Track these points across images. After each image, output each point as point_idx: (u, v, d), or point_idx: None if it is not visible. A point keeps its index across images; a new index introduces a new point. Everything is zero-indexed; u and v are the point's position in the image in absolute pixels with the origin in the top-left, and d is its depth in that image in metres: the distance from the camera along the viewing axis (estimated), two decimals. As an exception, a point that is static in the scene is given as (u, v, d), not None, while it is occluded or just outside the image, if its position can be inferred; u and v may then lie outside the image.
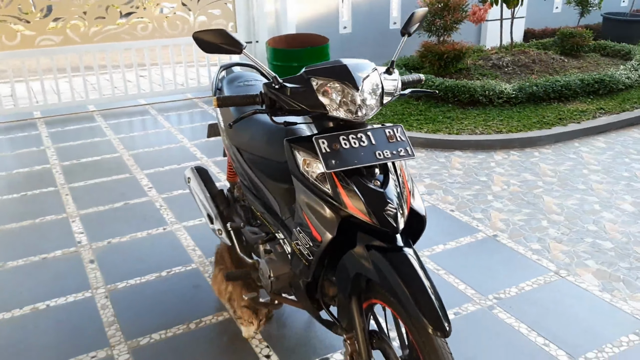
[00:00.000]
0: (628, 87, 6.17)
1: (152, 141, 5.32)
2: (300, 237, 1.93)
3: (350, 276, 1.85)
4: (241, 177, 2.66)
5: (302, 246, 1.93)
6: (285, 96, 1.87)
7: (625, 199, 3.95)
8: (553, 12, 8.92)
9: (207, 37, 1.86)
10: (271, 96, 1.92)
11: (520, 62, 6.55)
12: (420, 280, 1.66)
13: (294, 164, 1.92)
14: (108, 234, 3.61)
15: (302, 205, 1.90)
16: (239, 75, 2.94)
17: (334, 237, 1.82)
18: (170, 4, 6.41)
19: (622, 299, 2.87)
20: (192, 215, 3.81)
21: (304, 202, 1.89)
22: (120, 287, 3.06)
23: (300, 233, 1.92)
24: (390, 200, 1.78)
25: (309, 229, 1.87)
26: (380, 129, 1.91)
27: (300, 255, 1.95)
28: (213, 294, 2.97)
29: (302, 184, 1.89)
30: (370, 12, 7.49)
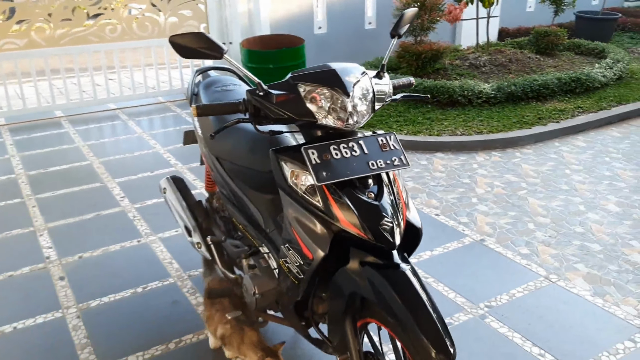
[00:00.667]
0: (604, 85, 6.18)
1: (124, 148, 5.12)
2: (289, 254, 1.79)
3: (344, 295, 1.73)
4: (221, 188, 2.52)
5: (292, 264, 1.80)
6: (271, 104, 1.74)
7: (609, 199, 3.91)
8: (526, 11, 8.95)
9: (185, 42, 1.72)
10: (255, 104, 1.78)
11: (497, 62, 6.52)
12: (421, 300, 1.55)
13: (280, 176, 1.78)
14: (79, 248, 3.42)
15: (291, 220, 1.77)
16: (216, 79, 2.80)
17: (326, 254, 1.70)
18: (139, 5, 6.20)
19: (614, 303, 2.81)
20: (167, 226, 3.65)
21: (293, 217, 1.76)
22: (93, 305, 2.88)
23: (289, 250, 1.79)
24: (385, 213, 1.67)
25: (298, 245, 1.75)
26: (372, 137, 1.79)
27: (289, 273, 1.82)
28: (193, 311, 2.81)
29: (290, 197, 1.76)
30: (345, 12, 7.38)
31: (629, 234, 3.44)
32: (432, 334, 1.49)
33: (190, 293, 2.96)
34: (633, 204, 3.82)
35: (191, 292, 2.96)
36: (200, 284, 3.03)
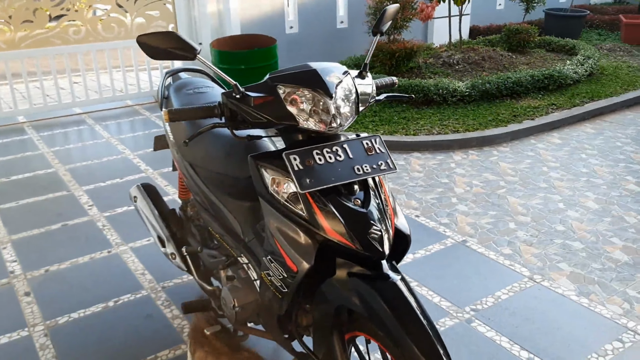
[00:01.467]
0: (576, 82, 6.21)
1: (91, 153, 4.93)
2: (271, 267, 1.69)
3: (331, 307, 1.63)
4: (195, 196, 2.39)
5: (274, 277, 1.69)
6: (249, 107, 1.63)
7: (587, 196, 3.90)
8: (496, 8, 8.98)
9: (154, 42, 1.60)
10: (232, 107, 1.67)
11: (470, 60, 6.50)
12: (413, 311, 1.46)
13: (261, 184, 1.68)
14: (45, 261, 3.24)
15: (273, 231, 1.66)
16: (188, 81, 2.67)
17: (312, 266, 1.59)
18: (104, 6, 6.00)
19: (599, 302, 2.77)
20: (138, 235, 3.49)
21: (275, 228, 1.66)
22: (61, 322, 2.72)
23: (272, 262, 1.68)
24: (373, 221, 1.57)
25: (281, 257, 1.64)
26: (356, 141, 1.70)
27: (272, 286, 1.72)
28: (169, 324, 2.68)
29: (272, 206, 1.66)
30: (316, 12, 7.29)
31: (609, 231, 3.42)
32: (425, 346, 1.41)
33: (164, 306, 2.82)
34: (611, 201, 3.81)
35: (166, 305, 2.83)
36: (175, 295, 2.90)
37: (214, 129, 2.25)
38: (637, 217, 3.58)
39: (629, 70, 6.84)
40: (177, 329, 2.66)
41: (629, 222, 3.52)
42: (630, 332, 2.54)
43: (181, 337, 2.60)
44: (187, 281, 3.03)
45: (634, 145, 4.80)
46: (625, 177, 4.18)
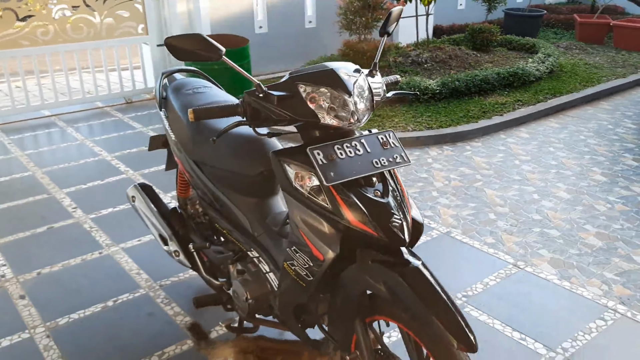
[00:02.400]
0: (538, 79, 6.49)
1: (67, 156, 4.87)
2: (296, 257, 1.77)
3: (355, 294, 1.72)
4: (201, 193, 2.45)
5: (299, 266, 1.77)
6: (272, 105, 1.71)
7: (559, 186, 4.12)
8: (458, 8, 9.25)
9: (182, 44, 1.66)
10: (255, 106, 1.74)
11: (438, 58, 6.70)
12: (437, 293, 1.57)
13: (284, 179, 1.75)
14: (35, 264, 3.22)
15: (298, 223, 1.74)
16: (185, 82, 2.71)
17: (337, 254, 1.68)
18: (73, 6, 5.91)
19: (580, 285, 2.96)
20: (129, 236, 3.50)
21: (300, 219, 1.74)
22: (62, 323, 2.72)
23: (297, 252, 1.76)
24: (393, 210, 1.67)
25: (307, 247, 1.72)
26: (372, 136, 1.79)
27: (297, 276, 1.80)
28: (171, 321, 2.72)
29: (296, 199, 1.74)
30: (285, 12, 7.36)
31: (582, 219, 3.63)
32: (453, 326, 1.51)
33: (165, 303, 2.86)
34: (581, 191, 4.04)
35: (166, 303, 2.86)
36: (174, 293, 2.94)
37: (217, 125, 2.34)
38: (606, 205, 3.81)
39: (585, 68, 7.18)
40: (181, 325, 2.70)
41: (599, 210, 3.74)
42: (611, 311, 2.73)
43: (185, 333, 2.64)
44: (184, 279, 3.06)
45: (596, 138, 5.07)
46: (592, 168, 4.42)
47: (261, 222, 2.23)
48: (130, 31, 6.28)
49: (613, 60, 7.60)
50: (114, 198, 4.02)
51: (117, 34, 6.19)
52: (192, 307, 2.81)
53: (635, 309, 2.76)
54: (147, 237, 3.48)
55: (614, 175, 4.28)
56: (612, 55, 7.88)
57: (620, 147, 4.83)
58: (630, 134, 5.15)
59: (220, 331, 2.65)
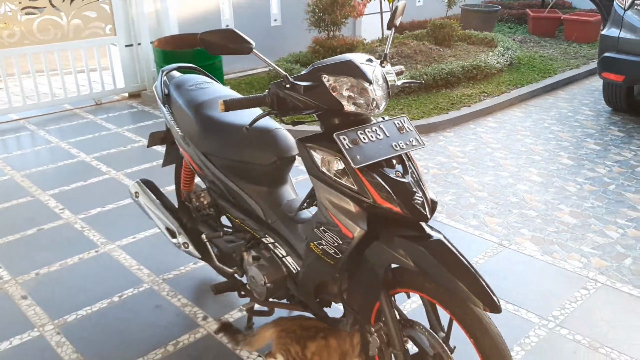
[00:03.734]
0: (499, 71, 6.78)
1: (44, 159, 4.82)
2: (324, 236, 1.88)
3: (379, 268, 1.85)
4: (210, 185, 2.53)
5: (327, 245, 1.89)
6: (299, 94, 1.82)
7: (531, 171, 4.36)
8: (417, 5, 9.51)
9: (215, 39, 1.76)
10: (283, 96, 1.85)
11: (403, 54, 6.91)
12: (462, 262, 1.72)
13: (311, 164, 1.87)
14: (32, 265, 3.22)
15: (325, 204, 1.86)
16: (186, 78, 2.78)
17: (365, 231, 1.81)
18: (40, 7, 5.81)
19: (562, 259, 3.18)
20: (123, 233, 3.53)
21: (328, 200, 1.86)
22: (70, 320, 2.75)
23: (325, 232, 1.88)
24: (415, 189, 1.81)
25: (336, 227, 1.84)
26: (389, 122, 1.93)
27: (324, 254, 1.91)
28: (180, 312, 2.79)
29: (323, 182, 1.85)
30: (251, 10, 7.42)
31: (555, 200, 3.87)
32: (478, 290, 1.66)
33: (171, 296, 2.92)
34: (551, 174, 4.29)
35: (171, 295, 2.92)
36: (178, 285, 3.00)
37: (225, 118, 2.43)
38: (575, 186, 4.07)
39: (541, 60, 7.53)
40: (190, 315, 2.77)
41: (570, 191, 4.00)
42: (592, 281, 2.96)
43: (196, 322, 2.72)
44: (186, 272, 3.13)
45: (559, 125, 5.37)
46: (559, 153, 4.70)
47: (275, 209, 2.33)
48: (98, 32, 6.22)
49: (566, 52, 7.99)
50: (101, 198, 4.03)
51: (85, 35, 6.13)
52: (199, 297, 2.91)
53: (614, 278, 2.99)
54: (142, 234, 3.52)
55: (579, 158, 4.56)
56: (564, 47, 8.28)
57: (581, 133, 5.14)
58: (589, 120, 5.47)
59: (230, 319, 2.74)
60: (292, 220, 2.27)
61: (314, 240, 1.93)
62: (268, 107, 1.91)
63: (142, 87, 6.65)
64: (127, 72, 6.53)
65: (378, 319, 2.03)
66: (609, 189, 4.01)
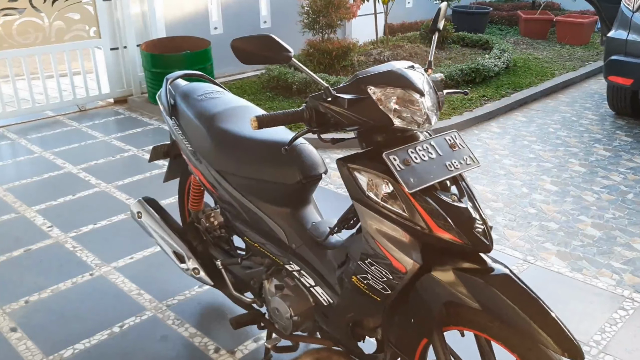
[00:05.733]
0: (497, 74, 6.62)
1: (27, 171, 4.50)
2: (371, 270, 1.66)
3: (436, 305, 1.63)
4: (226, 205, 2.29)
5: (374, 280, 1.66)
6: (343, 109, 1.60)
7: (544, 179, 4.19)
8: (406, 7, 9.34)
9: (250, 46, 1.53)
10: (324, 110, 1.62)
11: (399, 56, 6.72)
12: (535, 300, 1.51)
13: (355, 188, 1.64)
14: (20, 292, 2.94)
15: (373, 234, 1.64)
16: (194, 87, 2.54)
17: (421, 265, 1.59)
18: (20, 8, 5.49)
19: (592, 276, 3.00)
20: (119, 254, 3.26)
21: (375, 230, 1.63)
22: (67, 356, 2.48)
23: (372, 265, 1.65)
24: (474, 215, 1.60)
25: (386, 259, 1.62)
26: (440, 137, 1.72)
27: (369, 290, 1.69)
28: (189, 343, 2.54)
29: (370, 208, 1.63)
30: (239, 12, 7.17)
31: (575, 210, 3.70)
32: (555, 333, 1.45)
33: (177, 325, 2.67)
34: (566, 182, 4.13)
35: (178, 324, 2.67)
36: (184, 312, 2.75)
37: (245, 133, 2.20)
38: (592, 195, 3.91)
39: (537, 62, 7.41)
40: (201, 346, 2.52)
41: (588, 201, 3.83)
42: (629, 300, 2.78)
43: (207, 354, 2.47)
44: (191, 297, 2.88)
45: (564, 130, 5.22)
46: (569, 159, 4.54)
47: (300, 233, 2.10)
48: (82, 35, 5.92)
49: (560, 55, 7.89)
50: (92, 214, 3.75)
51: (68, 38, 5.82)
52: (207, 325, 2.67)
53: (650, 296, 2.83)
54: (140, 254, 3.26)
55: (591, 165, 4.41)
56: (558, 49, 8.19)
57: (589, 138, 5.00)
58: (594, 125, 5.33)
59: (244, 350, 2.50)
60: (320, 245, 2.05)
61: (357, 273, 1.71)
62: (306, 123, 1.68)
63: (128, 92, 6.35)
64: (113, 76, 6.23)
65: (422, 357, 1.82)
66: (628, 197, 3.86)
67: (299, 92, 5.88)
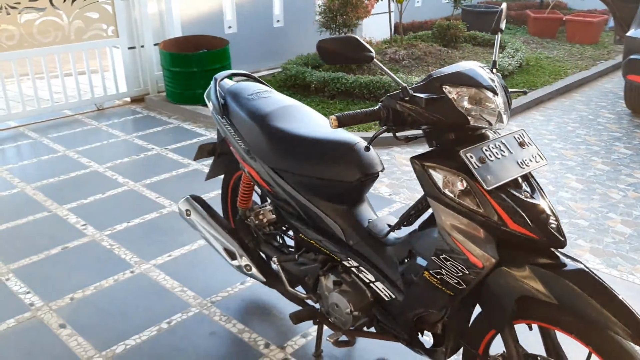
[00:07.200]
0: (511, 73, 6.68)
1: (53, 169, 4.52)
2: (446, 265, 1.70)
3: (510, 300, 1.67)
4: (282, 203, 2.32)
5: (449, 275, 1.70)
6: (421, 108, 1.64)
7: (568, 177, 4.24)
8: (415, 6, 9.37)
9: (335, 47, 1.58)
10: (401, 109, 1.67)
11: (414, 55, 6.76)
12: (615, 296, 1.54)
13: (431, 185, 1.68)
14: (64, 289, 2.96)
15: (449, 230, 1.68)
16: (243, 87, 2.57)
17: (498, 260, 1.63)
18: (40, 7, 5.50)
19: (628, 272, 3.05)
20: (157, 251, 3.29)
21: (451, 226, 1.67)
22: (119, 351, 2.51)
23: (447, 261, 1.69)
24: (548, 211, 1.64)
25: (462, 255, 1.66)
26: (509, 136, 1.76)
27: (442, 284, 1.73)
28: (238, 339, 2.57)
29: (446, 205, 1.67)
30: (253, 11, 7.19)
31: (603, 208, 3.75)
32: (635, 326, 1.49)
33: (224, 321, 2.70)
34: (591, 180, 4.18)
35: (225, 320, 2.71)
36: (230, 309, 2.78)
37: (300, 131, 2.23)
38: (619, 193, 3.96)
39: (549, 61, 7.47)
40: (250, 342, 2.56)
41: (615, 198, 3.88)
42: (667, 296, 2.83)
43: (258, 350, 2.51)
44: (234, 293, 2.91)
45: (583, 129, 5.27)
46: (591, 158, 4.59)
47: (357, 230, 2.15)
48: (100, 34, 5.93)
49: (571, 54, 7.95)
50: (124, 212, 3.78)
51: (87, 37, 5.84)
52: (254, 321, 2.71)
53: (687, 292, 2.87)
54: (178, 252, 3.29)
55: (614, 164, 4.46)
56: (568, 48, 8.24)
57: (608, 137, 5.05)
58: (612, 124, 5.39)
59: (294, 346, 2.54)
60: (379, 242, 2.09)
61: (430, 269, 1.75)
62: (382, 122, 1.72)
63: (145, 91, 6.37)
64: (130, 75, 6.24)
65: (487, 348, 1.86)
66: (654, 195, 3.91)
67: (316, 90, 5.92)
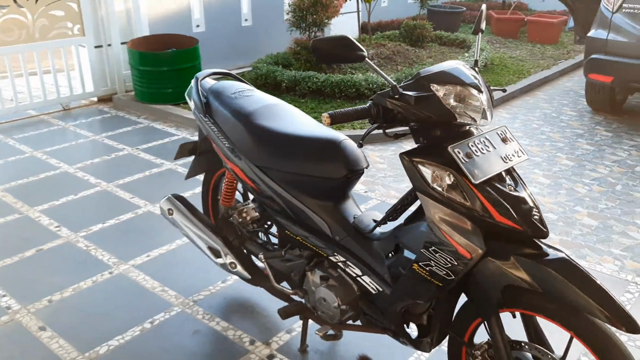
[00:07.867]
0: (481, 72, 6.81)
1: (21, 171, 4.42)
2: (435, 257, 1.75)
3: (496, 289, 1.74)
4: (267, 200, 2.34)
5: (437, 267, 1.76)
6: (410, 105, 1.69)
7: (536, 172, 4.38)
8: (381, 6, 9.48)
9: (329, 47, 1.62)
10: (391, 107, 1.72)
11: (383, 55, 6.85)
12: (595, 282, 1.62)
13: (420, 180, 1.74)
14: (41, 292, 2.92)
15: (437, 223, 1.73)
16: (224, 86, 2.58)
17: (485, 251, 1.70)
18: (3, 5, 5.36)
19: (596, 263, 3.18)
20: (135, 252, 3.27)
21: (440, 219, 1.73)
22: (103, 352, 2.49)
23: (437, 253, 1.75)
24: (530, 204, 1.72)
25: (451, 247, 1.72)
26: (492, 132, 1.83)
27: (431, 276, 1.78)
28: (222, 337, 2.58)
29: (434, 199, 1.73)
30: (222, 10, 7.16)
31: (570, 202, 3.90)
32: (615, 311, 1.57)
33: (207, 319, 2.71)
34: (557, 175, 4.33)
35: (208, 318, 2.71)
36: (213, 307, 2.79)
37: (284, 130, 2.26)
38: (584, 187, 4.12)
39: (512, 61, 7.67)
40: (235, 339, 2.57)
41: (581, 192, 4.04)
42: (633, 284, 2.97)
43: (244, 347, 2.53)
44: (216, 292, 2.92)
45: (548, 126, 5.45)
46: (556, 154, 4.75)
47: (343, 225, 2.19)
48: (66, 32, 5.82)
49: (532, 53, 8.18)
50: (98, 213, 3.73)
51: (52, 36, 5.72)
52: (238, 318, 2.73)
53: (651, 280, 3.02)
54: (156, 252, 3.27)
55: (578, 159, 4.63)
56: (530, 48, 8.48)
57: (571, 133, 5.23)
58: (574, 121, 5.58)
59: (279, 341, 2.56)
60: (365, 237, 2.13)
61: (419, 261, 1.80)
62: (372, 119, 1.77)
63: (112, 90, 6.28)
64: (97, 74, 6.15)
65: (472, 335, 1.94)
66: (617, 189, 4.08)
67: (287, 89, 5.94)
